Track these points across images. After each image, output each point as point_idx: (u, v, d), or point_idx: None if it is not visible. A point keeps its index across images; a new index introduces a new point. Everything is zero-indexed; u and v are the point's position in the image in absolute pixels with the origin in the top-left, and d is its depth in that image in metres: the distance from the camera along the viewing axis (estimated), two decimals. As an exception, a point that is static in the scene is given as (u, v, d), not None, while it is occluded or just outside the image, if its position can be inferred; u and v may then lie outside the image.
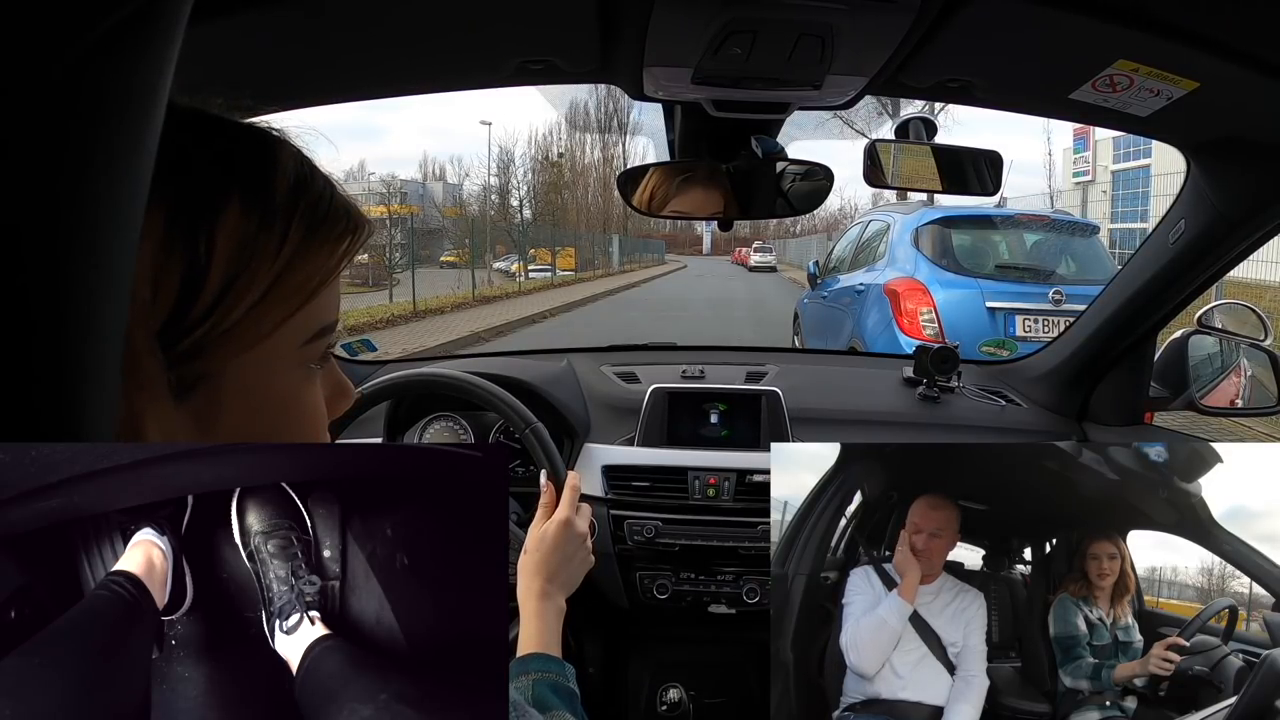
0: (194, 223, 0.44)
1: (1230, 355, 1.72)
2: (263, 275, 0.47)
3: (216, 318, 0.45)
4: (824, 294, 6.68)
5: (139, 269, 0.39)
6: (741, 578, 1.63)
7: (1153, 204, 12.96)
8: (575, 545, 1.09)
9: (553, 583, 1.03)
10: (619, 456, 1.72)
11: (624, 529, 1.64)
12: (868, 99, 1.22)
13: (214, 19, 0.83)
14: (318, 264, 0.50)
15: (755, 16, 0.92)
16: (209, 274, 0.45)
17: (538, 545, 1.07)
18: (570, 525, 1.09)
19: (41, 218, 0.29)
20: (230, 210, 0.46)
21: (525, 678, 0.86)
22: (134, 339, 0.41)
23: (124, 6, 0.29)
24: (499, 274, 23.51)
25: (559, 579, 1.05)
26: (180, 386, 0.45)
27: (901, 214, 5.68)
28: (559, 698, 0.85)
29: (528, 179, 45.70)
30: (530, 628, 0.97)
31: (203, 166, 0.46)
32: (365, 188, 34.16)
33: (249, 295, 0.46)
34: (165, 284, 0.43)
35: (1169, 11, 0.89)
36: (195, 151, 0.46)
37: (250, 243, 0.46)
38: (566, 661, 0.93)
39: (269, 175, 0.48)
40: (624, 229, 42.28)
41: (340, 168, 23.27)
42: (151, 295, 0.43)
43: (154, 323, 0.43)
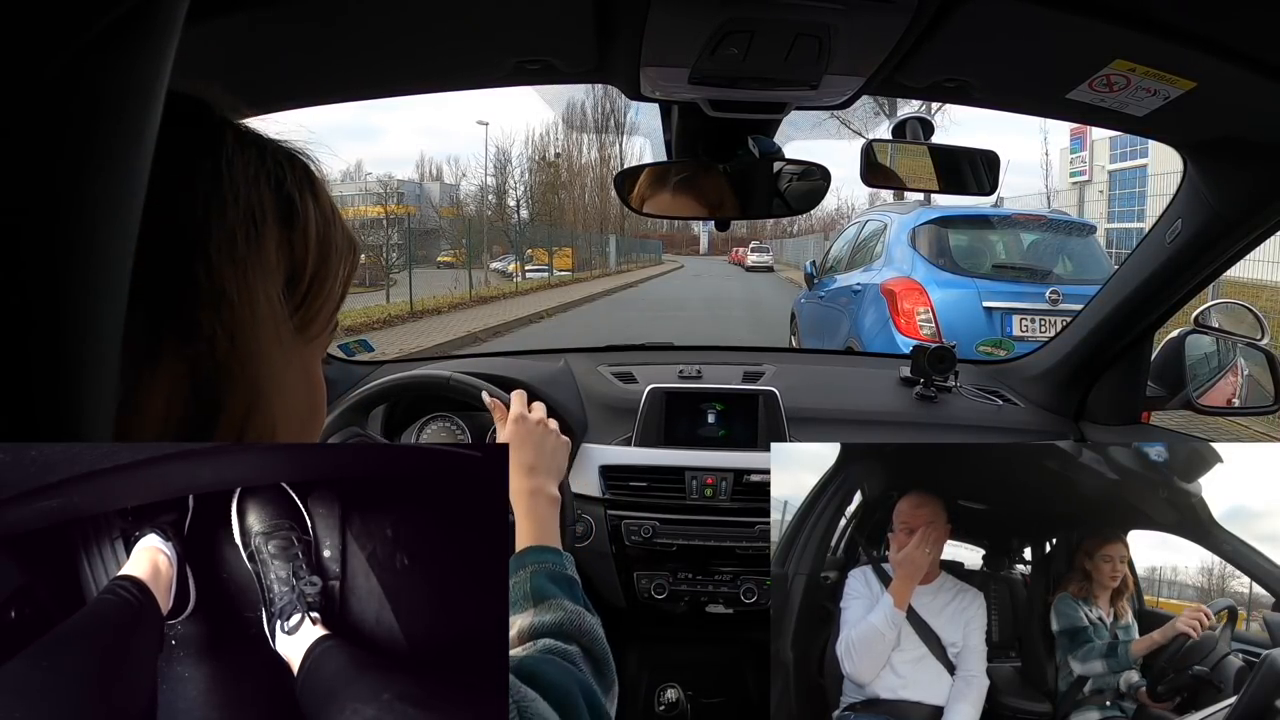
0: (292, 214, 0.49)
1: (1227, 354, 1.72)
2: (331, 270, 0.52)
3: (309, 301, 0.51)
4: (821, 294, 6.69)
5: (266, 249, 0.47)
6: (739, 577, 1.63)
7: (1149, 204, 12.97)
8: (540, 433, 1.11)
9: (535, 474, 1.04)
10: (616, 456, 1.72)
11: (621, 529, 1.64)
12: (865, 99, 1.22)
13: (211, 18, 0.83)
14: (346, 270, 0.54)
15: (752, 16, 0.92)
16: (306, 261, 0.50)
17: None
18: (524, 419, 1.12)
19: (39, 217, 0.29)
20: (309, 208, 0.51)
21: (523, 571, 0.85)
22: (274, 299, 0.47)
23: (120, 5, 0.29)
24: (496, 274, 23.47)
25: (540, 468, 1.06)
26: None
27: (898, 214, 5.69)
28: (557, 585, 0.84)
29: (525, 179, 45.68)
30: (524, 525, 0.98)
31: (293, 171, 0.51)
32: (362, 188, 34.17)
33: (326, 283, 0.52)
34: (281, 264, 0.49)
35: (1166, 11, 0.89)
36: (284, 156, 0.51)
37: (323, 242, 0.52)
38: (564, 551, 0.93)
39: (318, 184, 0.53)
40: (621, 229, 42.31)
41: (337, 168, 23.04)
42: (276, 266, 0.48)
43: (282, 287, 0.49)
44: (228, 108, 0.49)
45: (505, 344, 11.26)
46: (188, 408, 0.44)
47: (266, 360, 0.47)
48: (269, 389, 0.47)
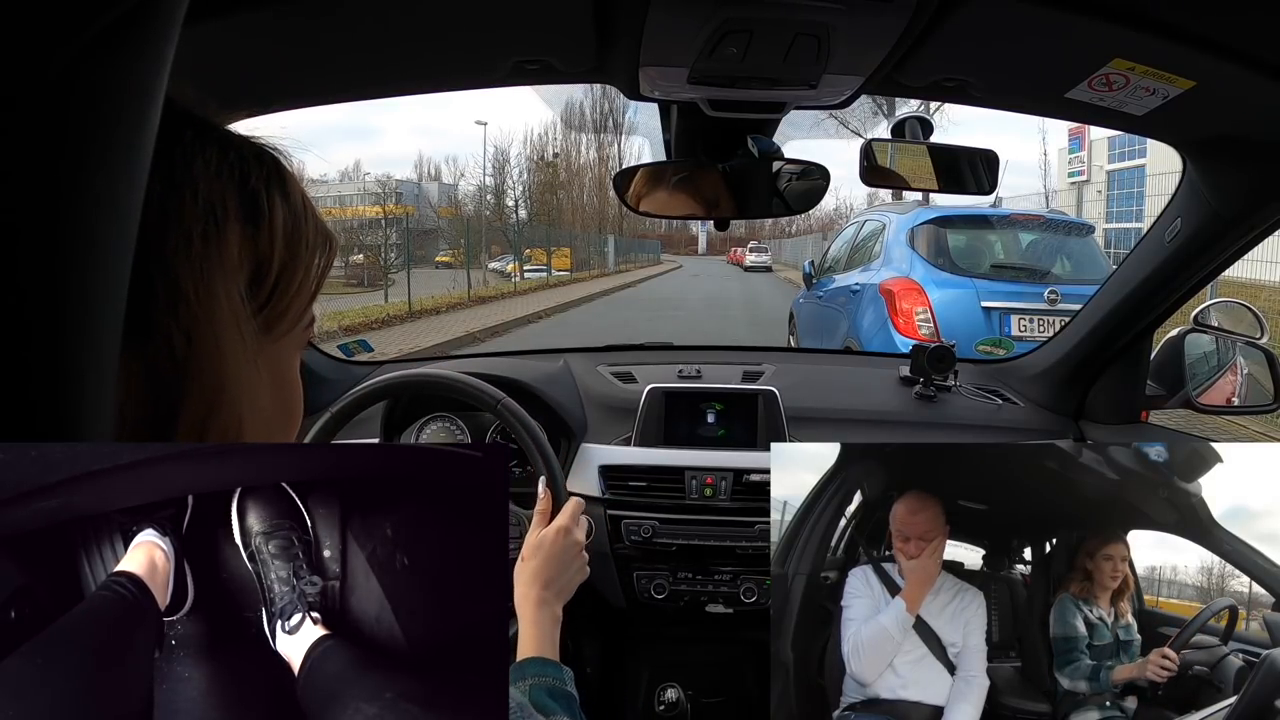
0: (256, 211, 0.49)
1: (1226, 353, 1.72)
2: (301, 265, 0.52)
3: (278, 295, 0.51)
4: (819, 294, 6.69)
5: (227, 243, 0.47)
6: (739, 577, 1.63)
7: (1147, 204, 12.97)
8: (572, 554, 1.10)
9: (549, 590, 1.04)
10: (616, 456, 1.72)
11: (621, 529, 1.64)
12: (864, 99, 1.22)
13: (209, 19, 0.83)
14: (321, 264, 0.54)
15: (751, 16, 0.92)
16: (271, 257, 0.50)
17: (534, 552, 1.08)
18: (568, 534, 1.11)
19: (39, 217, 0.29)
20: (276, 206, 0.51)
21: (523, 683, 0.87)
22: (234, 297, 0.47)
23: (118, 6, 0.29)
24: (494, 274, 23.45)
25: (555, 586, 1.05)
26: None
27: (897, 214, 5.69)
28: (556, 701, 0.85)
29: (523, 179, 45.67)
30: (528, 634, 0.98)
31: (259, 168, 0.51)
32: (360, 188, 34.19)
33: (295, 279, 0.52)
34: (245, 260, 0.48)
35: (1165, 10, 0.89)
36: (252, 153, 0.51)
37: (291, 237, 0.51)
38: (564, 665, 0.93)
39: (290, 181, 0.53)
40: (619, 229, 42.29)
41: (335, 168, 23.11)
42: (239, 263, 0.48)
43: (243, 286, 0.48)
44: (192, 105, 0.49)
45: (504, 344, 11.27)
46: (146, 408, 0.43)
47: (228, 359, 0.46)
48: (232, 388, 0.47)
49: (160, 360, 0.44)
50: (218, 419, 0.46)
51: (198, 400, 0.45)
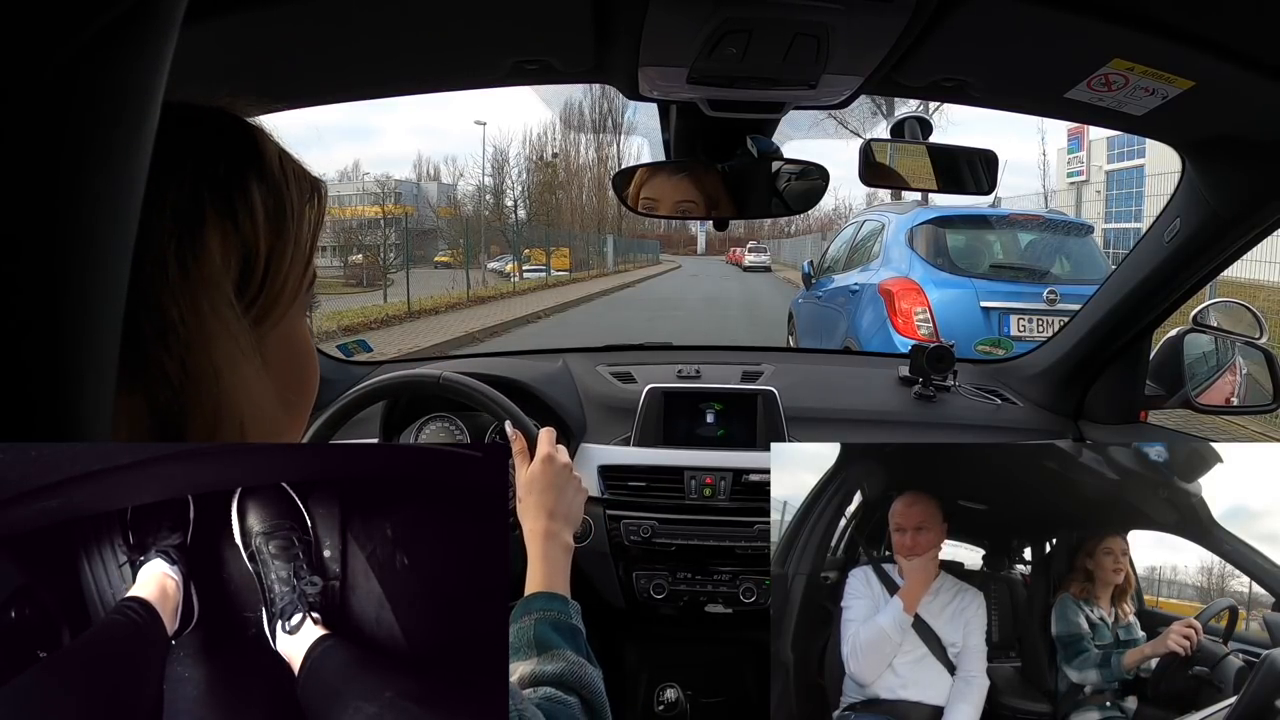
0: (233, 204, 0.48)
1: (1225, 353, 1.72)
2: (290, 238, 0.51)
3: (271, 279, 0.50)
4: (819, 294, 6.69)
5: (207, 250, 0.46)
6: (738, 577, 1.63)
7: (1146, 204, 12.98)
8: (565, 478, 1.10)
9: (554, 519, 1.04)
10: (615, 456, 1.72)
11: (620, 529, 1.64)
12: (863, 99, 1.22)
13: (208, 19, 0.83)
14: (312, 220, 0.54)
15: (751, 16, 0.92)
16: (258, 244, 0.49)
17: (529, 488, 1.08)
18: (553, 460, 1.11)
19: (38, 217, 0.29)
20: (253, 189, 0.49)
21: (527, 618, 0.86)
22: (221, 310, 0.46)
23: (117, 6, 0.29)
24: (493, 274, 23.46)
25: (559, 514, 1.05)
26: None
27: (896, 214, 5.69)
28: (560, 635, 0.84)
29: (522, 179, 45.72)
30: (535, 569, 0.97)
31: (227, 154, 0.49)
32: (360, 188, 34.21)
33: (287, 256, 0.51)
34: (231, 258, 0.48)
35: (1164, 11, 0.89)
36: (216, 140, 0.50)
37: (274, 214, 0.50)
38: (572, 600, 0.93)
39: (264, 152, 0.52)
40: (619, 229, 42.27)
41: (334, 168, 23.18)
42: (224, 266, 0.47)
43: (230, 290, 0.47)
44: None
45: (503, 344, 11.26)
46: (152, 438, 0.43)
47: (225, 372, 0.45)
48: (233, 398, 0.46)
49: (158, 391, 0.43)
50: (222, 431, 0.45)
51: (201, 421, 0.45)
